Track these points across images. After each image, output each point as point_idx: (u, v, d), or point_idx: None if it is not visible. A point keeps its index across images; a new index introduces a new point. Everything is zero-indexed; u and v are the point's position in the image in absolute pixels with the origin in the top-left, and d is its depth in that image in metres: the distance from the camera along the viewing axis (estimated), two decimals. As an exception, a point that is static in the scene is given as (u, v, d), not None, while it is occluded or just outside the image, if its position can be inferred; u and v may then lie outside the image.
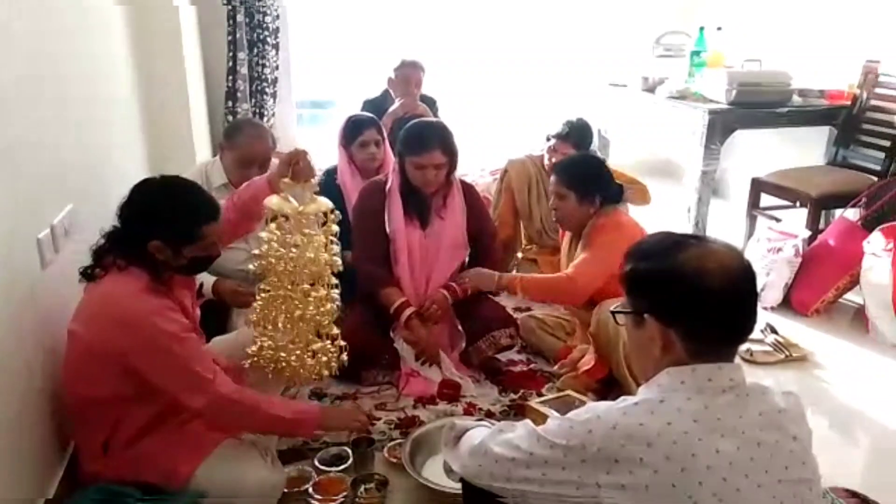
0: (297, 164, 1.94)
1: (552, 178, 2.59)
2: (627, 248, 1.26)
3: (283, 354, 1.95)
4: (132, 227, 1.69)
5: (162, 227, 1.67)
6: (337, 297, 1.99)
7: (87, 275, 1.70)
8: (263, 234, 1.90)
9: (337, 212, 1.96)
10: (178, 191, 1.75)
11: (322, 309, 1.94)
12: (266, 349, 1.96)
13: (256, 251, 1.93)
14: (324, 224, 1.94)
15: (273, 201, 1.90)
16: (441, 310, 2.50)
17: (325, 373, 2.02)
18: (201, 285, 2.40)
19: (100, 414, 1.71)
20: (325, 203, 1.94)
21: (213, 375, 1.68)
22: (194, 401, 1.65)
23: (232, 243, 2.17)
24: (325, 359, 1.99)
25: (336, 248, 1.98)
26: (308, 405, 1.90)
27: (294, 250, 1.88)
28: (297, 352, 1.95)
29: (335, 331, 2.01)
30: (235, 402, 1.70)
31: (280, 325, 1.94)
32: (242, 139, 2.59)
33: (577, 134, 3.16)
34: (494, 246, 2.75)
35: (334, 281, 1.98)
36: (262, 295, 1.96)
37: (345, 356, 2.02)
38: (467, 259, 2.69)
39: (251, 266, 1.96)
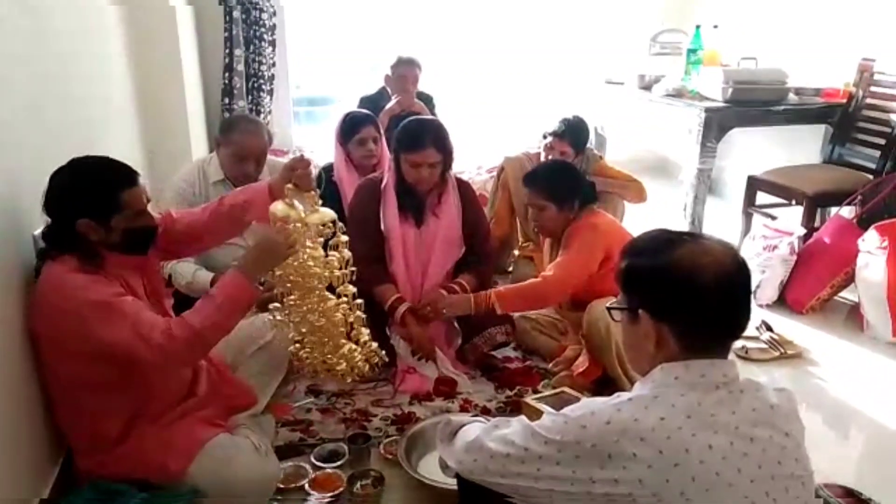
0: (295, 170, 1.94)
1: (526, 190, 2.59)
2: (620, 246, 1.28)
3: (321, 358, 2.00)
4: (57, 215, 1.68)
5: (81, 202, 1.65)
6: (358, 303, 2.04)
7: (36, 273, 1.71)
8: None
9: (340, 223, 1.97)
10: (88, 165, 1.72)
11: (334, 318, 1.96)
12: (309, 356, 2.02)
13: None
14: (332, 235, 1.96)
15: (279, 207, 1.89)
16: (435, 311, 2.51)
17: (359, 371, 2.08)
18: (170, 276, 2.41)
19: (80, 406, 1.71)
20: (328, 214, 1.94)
21: (149, 330, 1.61)
22: (145, 360, 1.60)
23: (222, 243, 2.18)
24: (357, 360, 2.03)
25: (346, 256, 2.00)
26: (228, 277, 1.75)
27: (300, 259, 1.90)
28: (329, 355, 1.99)
29: (364, 337, 2.06)
30: (177, 345, 1.62)
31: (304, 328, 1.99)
32: (237, 135, 2.59)
33: (573, 131, 3.15)
34: (488, 245, 2.75)
35: (351, 289, 2.01)
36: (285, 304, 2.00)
37: (381, 354, 2.10)
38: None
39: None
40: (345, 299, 2.00)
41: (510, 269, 3.44)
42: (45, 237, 1.71)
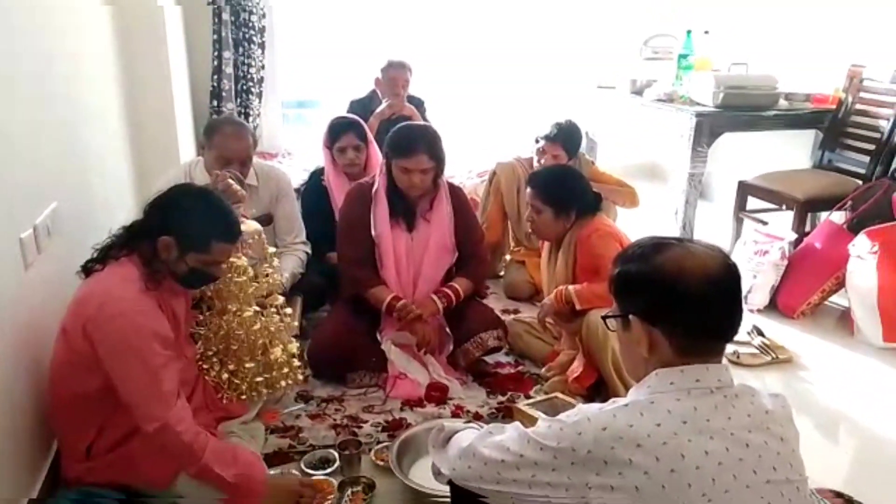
0: (216, 187, 1.98)
1: (528, 189, 2.59)
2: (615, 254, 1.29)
3: (236, 380, 1.95)
4: (152, 217, 1.72)
5: (180, 223, 1.70)
6: (288, 312, 2.03)
7: (86, 269, 1.71)
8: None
9: (263, 236, 1.99)
10: (212, 200, 1.78)
11: (254, 328, 1.96)
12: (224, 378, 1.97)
13: None
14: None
15: (249, 227, 1.93)
16: (424, 313, 2.50)
17: (284, 385, 2.06)
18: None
19: (85, 417, 1.70)
20: (252, 226, 1.97)
21: (174, 403, 1.62)
22: (146, 421, 1.59)
23: None
24: (283, 374, 2.02)
25: (272, 270, 2.02)
26: (256, 472, 1.75)
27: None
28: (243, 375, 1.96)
29: (293, 348, 2.05)
30: (181, 443, 1.61)
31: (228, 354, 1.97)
32: (220, 138, 2.55)
33: (566, 135, 3.16)
34: (481, 250, 2.74)
35: (279, 300, 2.01)
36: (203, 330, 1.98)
37: (300, 375, 2.08)
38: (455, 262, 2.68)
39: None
40: (249, 312, 1.98)
41: (501, 273, 3.44)
42: (127, 228, 1.75)
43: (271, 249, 2.01)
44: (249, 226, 1.95)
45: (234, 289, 1.88)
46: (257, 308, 2.03)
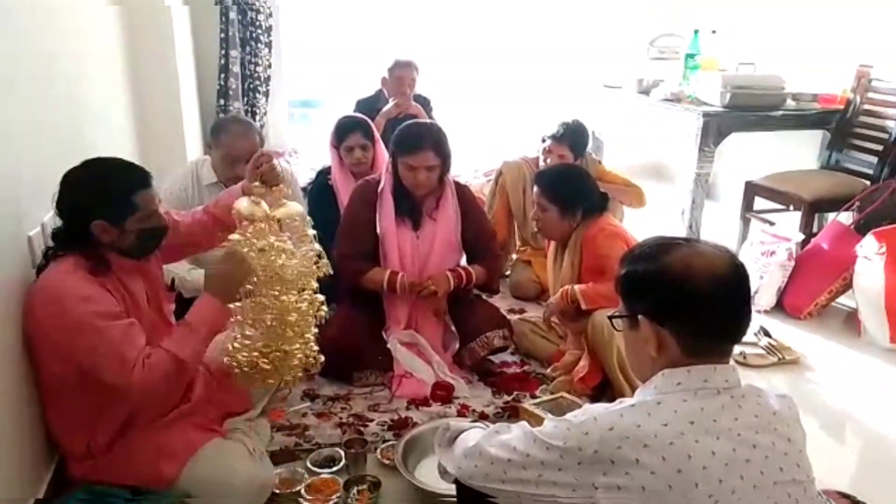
0: (259, 167, 1.92)
1: (535, 187, 2.59)
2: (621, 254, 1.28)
3: (255, 355, 1.87)
4: (70, 216, 1.67)
5: (96, 203, 1.65)
6: (320, 300, 1.94)
7: (38, 273, 1.69)
8: (235, 237, 1.83)
9: (308, 217, 1.92)
10: (103, 166, 1.72)
11: (295, 314, 1.88)
12: (241, 350, 1.87)
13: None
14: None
15: (243, 205, 1.85)
16: (439, 289, 2.49)
17: (298, 374, 1.95)
18: (172, 280, 2.38)
19: (71, 410, 1.70)
20: (295, 208, 1.90)
21: (131, 364, 1.59)
22: (116, 388, 1.60)
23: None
24: (298, 361, 1.92)
25: (313, 254, 1.92)
26: (203, 304, 1.76)
27: (263, 255, 1.82)
28: (272, 354, 1.87)
29: (310, 334, 1.96)
30: (155, 376, 1.61)
31: (256, 328, 1.88)
32: (226, 137, 2.55)
33: (573, 135, 3.15)
34: (493, 245, 2.74)
35: (314, 285, 1.93)
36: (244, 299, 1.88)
37: (321, 358, 1.97)
38: (464, 261, 2.68)
39: None
40: (294, 297, 1.89)
41: (507, 272, 3.44)
42: (55, 237, 1.70)
43: (311, 232, 1.96)
44: (291, 207, 1.91)
45: (278, 271, 1.83)
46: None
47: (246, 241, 1.81)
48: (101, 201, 1.65)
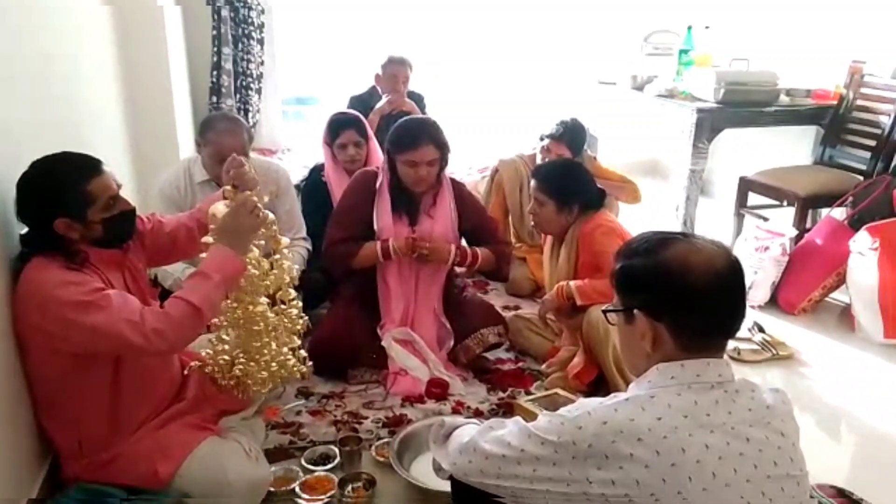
0: (229, 172, 1.90)
1: (532, 182, 2.59)
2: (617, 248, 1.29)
3: (226, 360, 1.88)
4: (31, 220, 1.66)
5: (50, 202, 1.62)
6: (298, 313, 1.95)
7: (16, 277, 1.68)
8: (207, 239, 1.81)
9: (275, 227, 1.89)
10: (49, 164, 1.68)
11: (262, 323, 1.87)
12: (219, 355, 1.88)
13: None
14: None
15: (218, 209, 1.83)
16: (438, 256, 2.49)
17: (275, 383, 1.96)
18: (156, 276, 2.36)
19: (64, 409, 1.69)
20: (269, 216, 1.88)
21: (140, 316, 1.57)
22: (139, 347, 1.57)
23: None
24: (279, 367, 1.92)
25: (288, 262, 1.93)
26: (215, 252, 1.73)
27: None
28: (245, 362, 1.88)
29: (295, 343, 1.97)
30: (173, 323, 1.60)
31: (232, 334, 1.88)
32: (214, 134, 2.53)
33: (571, 134, 3.16)
34: (498, 232, 2.76)
35: (291, 294, 1.93)
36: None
37: (304, 367, 1.97)
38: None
39: None
40: (262, 307, 1.89)
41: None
42: (25, 242, 1.68)
43: (284, 240, 1.95)
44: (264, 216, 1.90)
45: (244, 282, 1.83)
46: (268, 301, 1.94)
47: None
48: (53, 198, 1.62)
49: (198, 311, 1.63)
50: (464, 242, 2.65)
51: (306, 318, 1.98)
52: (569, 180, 2.55)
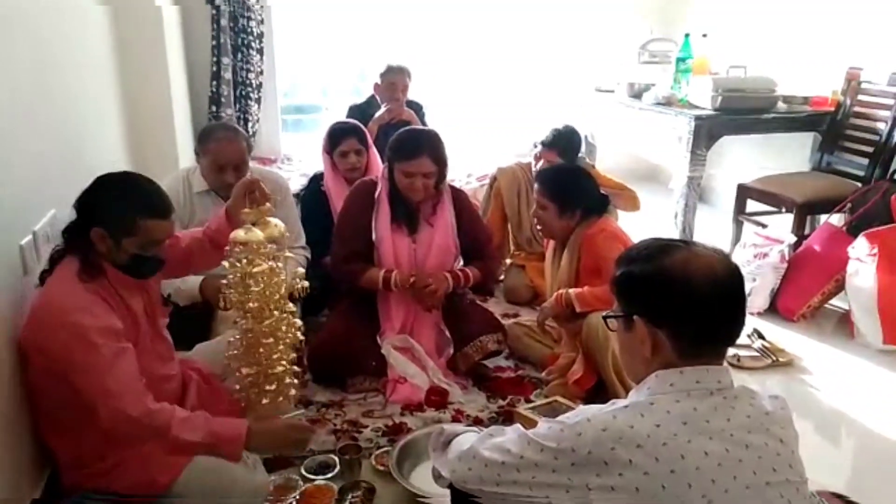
0: (252, 193, 1.94)
1: (535, 185, 2.60)
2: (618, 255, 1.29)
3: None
4: (80, 212, 1.69)
5: (102, 211, 1.66)
6: (297, 325, 1.98)
7: (42, 278, 1.69)
8: (226, 264, 1.85)
9: (287, 235, 1.93)
10: (129, 181, 1.73)
11: (279, 334, 1.91)
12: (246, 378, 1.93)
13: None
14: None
15: (239, 235, 1.86)
16: (438, 289, 2.48)
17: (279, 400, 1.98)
18: (169, 296, 2.36)
19: (63, 419, 1.69)
20: (280, 224, 1.93)
21: (124, 391, 1.60)
22: (97, 411, 1.59)
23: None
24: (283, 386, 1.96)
25: (298, 271, 1.97)
26: (234, 426, 1.75)
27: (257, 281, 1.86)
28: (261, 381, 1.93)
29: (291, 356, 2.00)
30: (138, 423, 1.61)
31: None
32: (213, 144, 2.52)
33: (563, 141, 3.16)
34: (489, 247, 2.75)
35: (292, 307, 1.95)
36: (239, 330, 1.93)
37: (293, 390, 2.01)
38: (462, 264, 2.68)
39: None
40: (285, 316, 1.93)
41: (502, 277, 3.43)
42: (64, 231, 1.72)
43: (287, 254, 1.97)
44: (278, 225, 1.93)
45: (242, 297, 1.85)
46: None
47: (239, 268, 1.84)
48: (106, 209, 1.67)
49: (168, 437, 1.64)
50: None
51: (301, 325, 2.01)
52: (570, 185, 2.55)
